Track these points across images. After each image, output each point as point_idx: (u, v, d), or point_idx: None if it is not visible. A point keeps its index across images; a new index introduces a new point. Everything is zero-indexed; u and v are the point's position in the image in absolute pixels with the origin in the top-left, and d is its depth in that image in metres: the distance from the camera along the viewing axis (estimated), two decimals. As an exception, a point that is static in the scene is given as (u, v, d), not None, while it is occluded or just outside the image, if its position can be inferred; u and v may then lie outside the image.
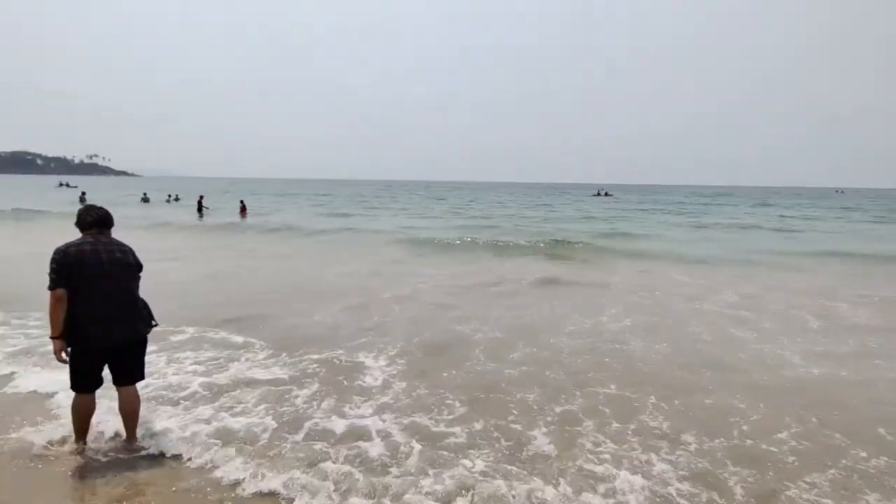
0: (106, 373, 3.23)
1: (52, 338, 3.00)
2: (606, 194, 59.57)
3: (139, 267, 3.28)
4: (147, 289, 3.40)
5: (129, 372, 3.26)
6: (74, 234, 3.16)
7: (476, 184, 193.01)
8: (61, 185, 66.39)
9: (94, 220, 3.16)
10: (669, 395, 4.36)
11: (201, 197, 28.27)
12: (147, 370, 3.47)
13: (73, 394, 3.19)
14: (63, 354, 3.01)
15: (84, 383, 3.14)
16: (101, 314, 3.03)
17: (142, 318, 3.24)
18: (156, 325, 3.39)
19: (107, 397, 3.52)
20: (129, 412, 3.32)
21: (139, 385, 3.40)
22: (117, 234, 3.31)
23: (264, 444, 3.45)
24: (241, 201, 27.42)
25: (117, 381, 3.27)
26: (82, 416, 3.24)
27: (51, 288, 2.96)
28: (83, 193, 35.68)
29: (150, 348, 3.70)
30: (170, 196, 37.34)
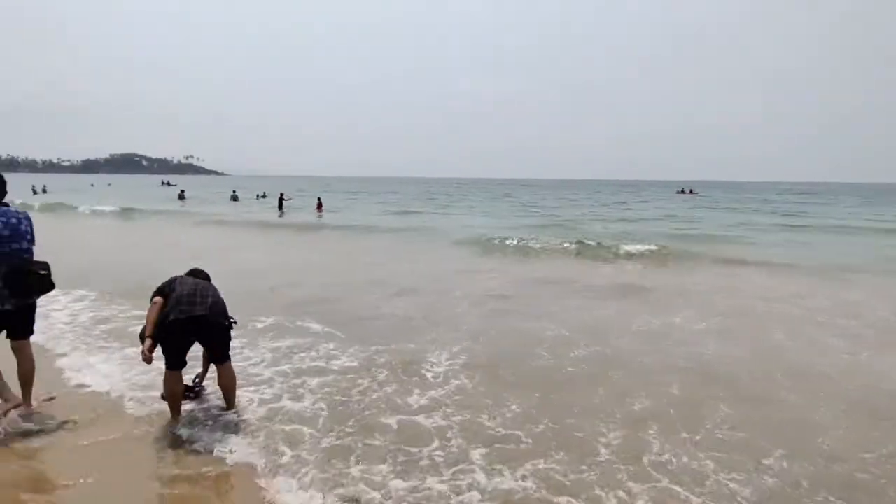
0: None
1: (145, 336, 3.52)
2: (691, 191, 56.32)
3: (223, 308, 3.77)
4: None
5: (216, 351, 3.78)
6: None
7: (544, 181, 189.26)
8: (163, 183, 73.03)
9: (194, 273, 3.97)
10: (744, 404, 4.12)
11: (282, 194, 30.19)
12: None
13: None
14: (150, 353, 3.51)
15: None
16: (184, 298, 3.60)
17: (222, 311, 3.70)
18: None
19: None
20: (225, 386, 3.85)
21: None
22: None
23: (319, 432, 3.60)
24: (318, 198, 28.96)
25: (212, 360, 3.82)
26: (169, 391, 3.71)
27: (153, 295, 3.62)
28: (182, 191, 39.17)
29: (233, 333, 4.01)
30: (258, 194, 39.95)
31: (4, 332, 3.61)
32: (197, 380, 4.09)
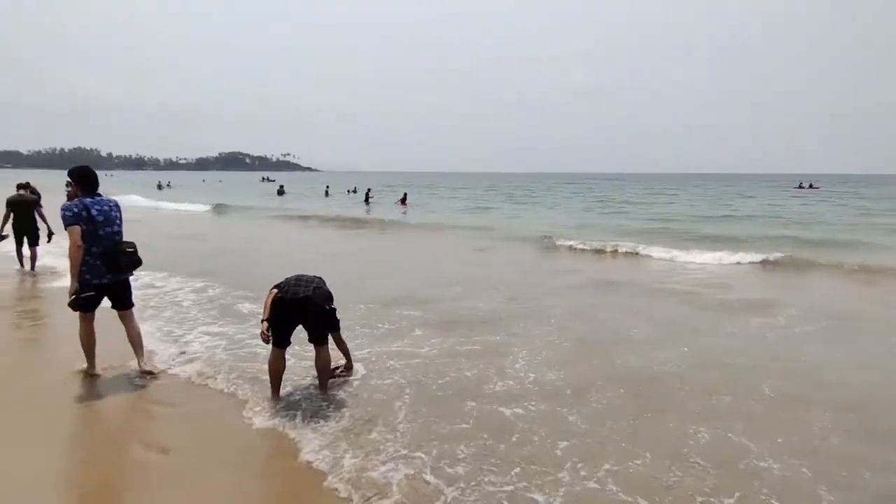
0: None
1: (264, 320, 3.85)
2: (811, 186, 51.10)
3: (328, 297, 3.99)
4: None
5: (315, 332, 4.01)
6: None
7: (633, 175, 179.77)
8: (263, 179, 78.79)
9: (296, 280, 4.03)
10: (850, 417, 3.77)
11: (368, 189, 31.79)
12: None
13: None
14: (268, 334, 3.84)
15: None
16: (293, 283, 3.90)
17: (325, 296, 3.93)
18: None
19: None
20: (320, 369, 4.10)
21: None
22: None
23: (403, 417, 3.77)
24: (404, 193, 30.02)
25: (311, 340, 4.05)
26: (272, 370, 4.01)
27: (272, 288, 3.92)
28: (281, 186, 42.14)
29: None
30: (349, 189, 42.00)
31: (111, 304, 4.35)
32: (339, 369, 4.39)
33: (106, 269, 4.10)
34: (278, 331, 3.87)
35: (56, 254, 9.08)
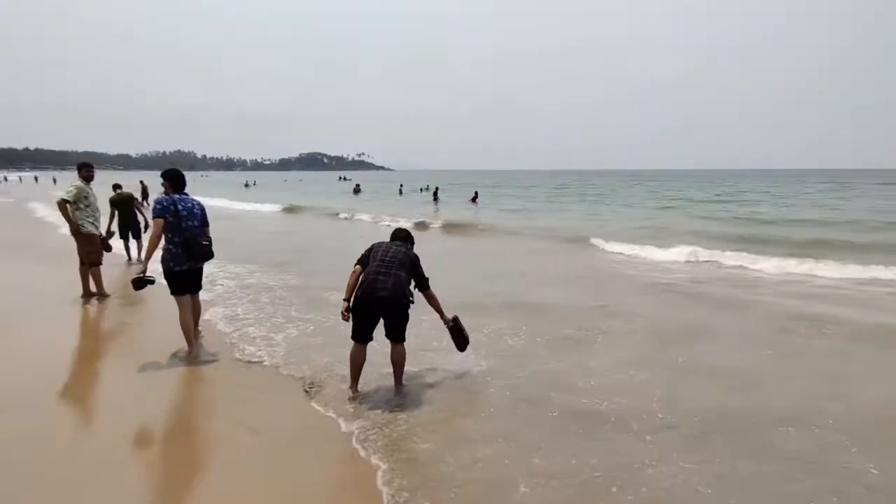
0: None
1: (343, 300, 3.98)
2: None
3: (416, 265, 4.10)
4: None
5: (391, 330, 4.01)
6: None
7: (678, 172, 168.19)
8: (340, 178, 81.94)
9: (398, 236, 4.32)
10: None
11: (437, 188, 32.77)
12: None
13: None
14: (348, 315, 3.95)
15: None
16: (374, 275, 3.89)
17: (406, 293, 3.94)
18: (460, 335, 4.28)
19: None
20: (394, 362, 4.11)
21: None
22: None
23: (488, 407, 3.76)
24: (475, 192, 30.27)
25: (387, 336, 4.05)
26: (353, 363, 4.05)
27: (355, 264, 4.04)
28: (357, 185, 43.60)
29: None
30: (420, 188, 42.77)
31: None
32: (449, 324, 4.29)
33: (185, 257, 4.68)
34: (358, 327, 3.95)
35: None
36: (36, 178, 70.10)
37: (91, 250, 6.66)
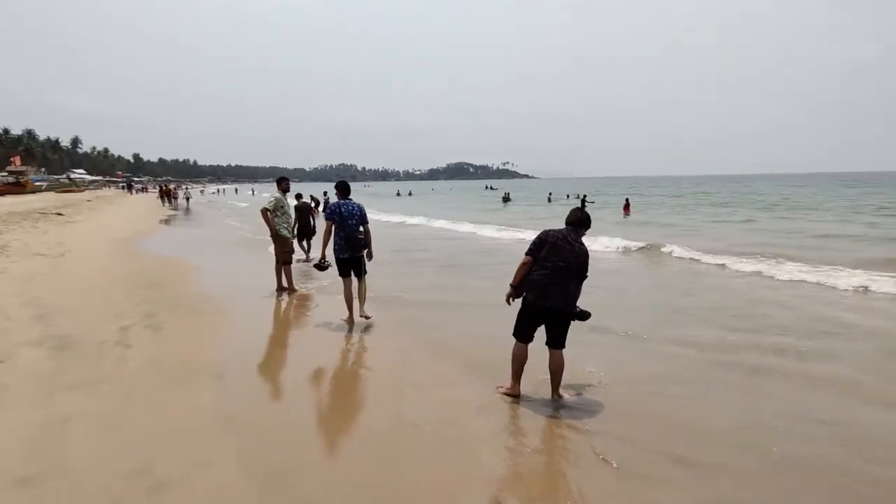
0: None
1: (510, 285, 4.00)
2: None
3: (585, 267, 3.87)
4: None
5: (555, 337, 3.97)
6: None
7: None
8: (487, 187, 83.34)
9: (571, 220, 4.00)
10: None
11: (584, 196, 30.99)
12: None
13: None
14: (511, 300, 4.03)
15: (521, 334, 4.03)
16: (546, 284, 3.83)
17: (574, 301, 3.87)
18: (586, 317, 3.98)
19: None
20: (553, 370, 4.02)
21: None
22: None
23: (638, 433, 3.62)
24: (627, 199, 28.38)
25: (548, 343, 3.99)
26: (517, 361, 4.06)
27: (526, 253, 3.94)
28: (507, 193, 43.50)
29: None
30: (567, 195, 41.87)
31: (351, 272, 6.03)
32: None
33: (346, 247, 5.92)
34: (523, 326, 3.99)
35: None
36: (236, 190, 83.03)
37: (285, 251, 7.81)
